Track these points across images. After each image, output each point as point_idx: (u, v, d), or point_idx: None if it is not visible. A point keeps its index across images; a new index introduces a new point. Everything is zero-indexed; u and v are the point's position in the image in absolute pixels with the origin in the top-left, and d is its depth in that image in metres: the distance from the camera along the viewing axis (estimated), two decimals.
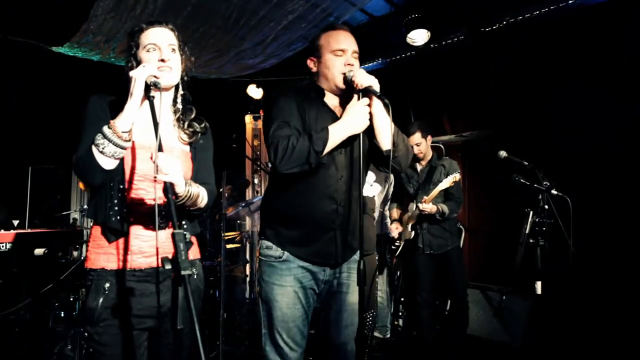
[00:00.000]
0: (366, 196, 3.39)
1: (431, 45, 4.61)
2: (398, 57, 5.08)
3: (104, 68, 4.18)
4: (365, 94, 1.78)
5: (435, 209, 3.39)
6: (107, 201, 1.56)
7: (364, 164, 1.77)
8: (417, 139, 3.54)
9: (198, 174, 1.72)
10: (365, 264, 1.69)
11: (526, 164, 3.00)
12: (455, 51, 4.68)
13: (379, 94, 1.73)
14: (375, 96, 1.75)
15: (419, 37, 4.51)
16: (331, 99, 1.93)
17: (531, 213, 2.93)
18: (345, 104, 1.86)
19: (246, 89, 5.68)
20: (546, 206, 2.86)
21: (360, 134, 1.77)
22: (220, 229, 3.82)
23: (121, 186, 1.57)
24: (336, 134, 1.74)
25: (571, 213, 2.77)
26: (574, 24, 3.90)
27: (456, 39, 4.61)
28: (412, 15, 4.39)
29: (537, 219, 2.87)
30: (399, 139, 1.88)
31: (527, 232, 2.94)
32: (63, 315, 3.29)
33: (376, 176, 3.68)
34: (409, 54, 4.95)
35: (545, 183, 2.88)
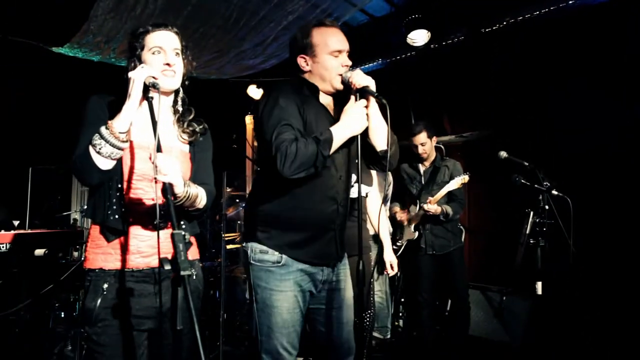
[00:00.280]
0: (362, 196, 3.37)
1: (431, 45, 4.60)
2: (398, 58, 5.07)
3: (104, 68, 4.17)
4: (363, 94, 1.78)
5: (440, 210, 3.39)
6: (106, 200, 1.56)
7: (361, 163, 1.78)
8: (423, 138, 3.51)
9: (197, 175, 1.72)
10: (364, 264, 1.69)
11: (526, 164, 3.00)
12: (456, 51, 4.67)
13: (376, 94, 1.73)
14: (373, 96, 1.76)
15: (419, 38, 4.50)
16: (325, 98, 1.92)
17: (531, 213, 2.93)
18: (338, 102, 1.86)
19: (246, 89, 5.67)
20: (546, 206, 2.86)
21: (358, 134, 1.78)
22: (220, 229, 3.82)
23: (120, 186, 1.57)
24: (338, 135, 1.74)
25: (571, 213, 2.76)
26: (574, 24, 3.90)
27: (456, 40, 4.60)
28: (412, 16, 4.38)
29: (538, 219, 2.87)
30: (392, 139, 1.88)
31: (528, 233, 2.93)
32: (63, 315, 3.30)
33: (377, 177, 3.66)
34: (409, 54, 4.94)
35: (545, 183, 2.88)
